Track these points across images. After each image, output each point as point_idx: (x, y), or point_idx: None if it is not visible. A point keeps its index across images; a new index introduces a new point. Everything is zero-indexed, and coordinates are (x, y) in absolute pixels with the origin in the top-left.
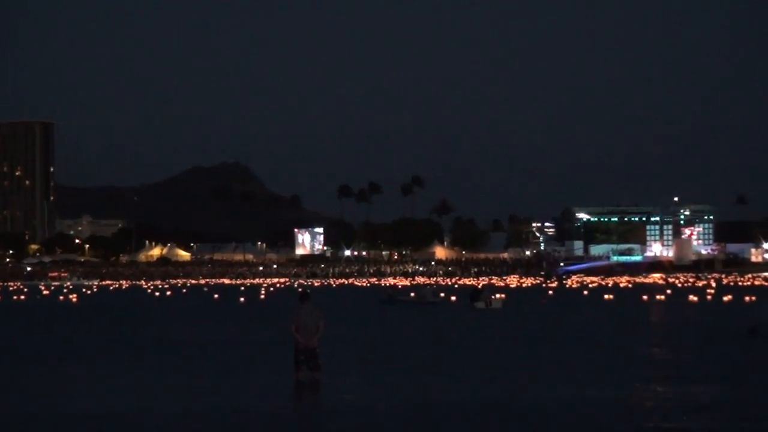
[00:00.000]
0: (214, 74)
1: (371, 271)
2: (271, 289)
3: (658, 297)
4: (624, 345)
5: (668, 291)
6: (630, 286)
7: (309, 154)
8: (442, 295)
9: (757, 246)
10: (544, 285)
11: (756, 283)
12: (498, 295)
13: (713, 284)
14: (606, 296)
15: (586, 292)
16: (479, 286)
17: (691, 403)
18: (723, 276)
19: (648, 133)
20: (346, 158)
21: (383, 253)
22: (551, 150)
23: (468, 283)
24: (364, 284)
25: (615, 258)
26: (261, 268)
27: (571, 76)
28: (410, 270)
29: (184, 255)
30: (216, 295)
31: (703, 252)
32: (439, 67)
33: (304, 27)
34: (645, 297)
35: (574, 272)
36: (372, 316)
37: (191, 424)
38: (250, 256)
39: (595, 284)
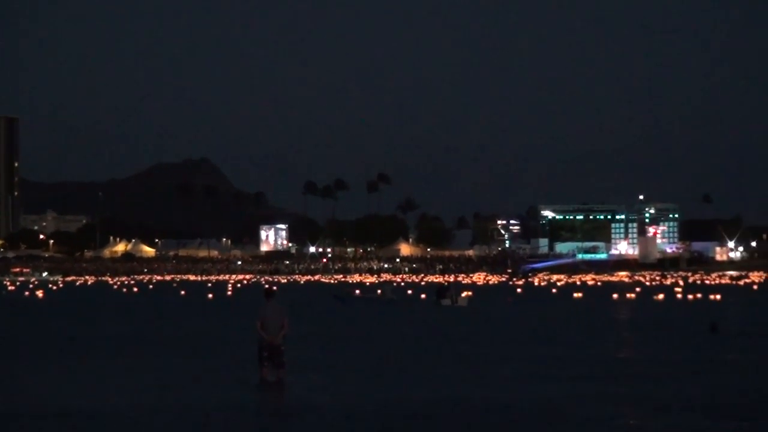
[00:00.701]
0: (179, 71)
1: (336, 267)
2: (239, 285)
3: (628, 295)
4: (581, 343)
5: (637, 289)
6: (599, 284)
7: (274, 151)
8: (410, 292)
9: (722, 245)
10: (511, 283)
11: (722, 281)
12: (465, 293)
13: (681, 282)
14: (575, 294)
15: (554, 290)
16: (446, 284)
17: (646, 400)
18: (689, 274)
19: (614, 132)
20: (311, 155)
21: (348, 250)
22: (517, 148)
23: (436, 280)
24: (331, 281)
25: (580, 256)
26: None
27: (537, 73)
28: (375, 267)
29: (148, 251)
30: (183, 292)
31: (668, 250)
32: (406, 65)
33: (268, 22)
34: (615, 295)
35: (539, 270)
36: (334, 313)
37: (152, 422)
38: (214, 253)
39: (562, 282)
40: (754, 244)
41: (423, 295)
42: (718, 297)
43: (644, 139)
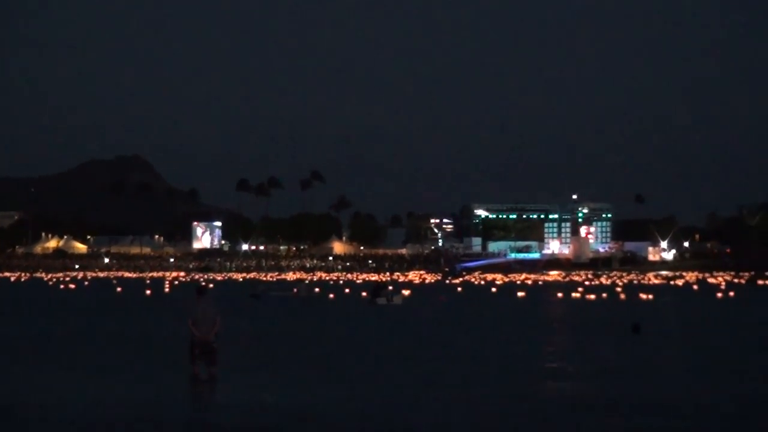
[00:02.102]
0: (112, 67)
1: (269, 265)
2: (176, 282)
3: (573, 294)
4: (506, 340)
5: (580, 289)
6: (540, 283)
7: (207, 147)
8: (347, 291)
9: (654, 245)
10: (447, 282)
11: (656, 281)
12: (404, 292)
13: (619, 282)
14: (519, 293)
15: (494, 289)
16: (382, 282)
17: (571, 399)
18: (624, 274)
19: (547, 132)
20: (245, 152)
21: (281, 247)
22: (450, 147)
23: (373, 278)
24: (269, 278)
25: (513, 255)
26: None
27: (469, 72)
28: (308, 265)
29: (80, 247)
30: (119, 288)
31: (601, 250)
32: (342, 62)
33: (205, 17)
34: (560, 294)
35: (473, 269)
36: (261, 311)
37: (78, 419)
38: (147, 249)
39: (501, 281)
40: (686, 244)
41: (364, 293)
42: (650, 297)
43: (577, 139)
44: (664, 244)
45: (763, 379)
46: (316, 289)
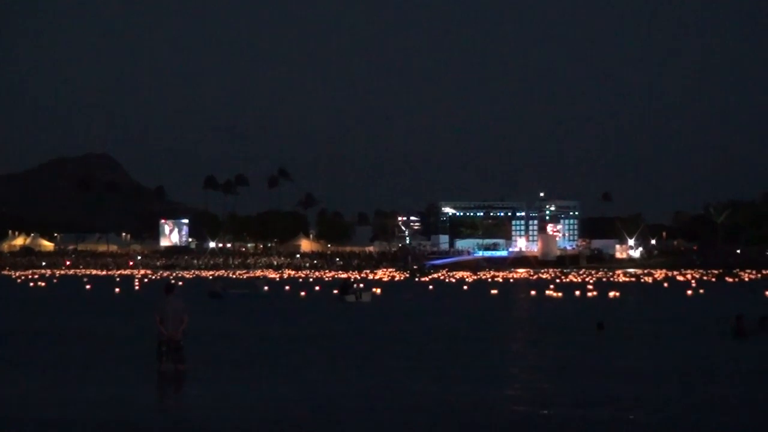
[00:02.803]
0: (80, 64)
1: (236, 263)
2: (146, 280)
3: (548, 293)
4: (466, 340)
5: (551, 286)
6: (511, 281)
7: (175, 145)
8: (317, 288)
9: (622, 242)
10: (416, 280)
11: (626, 279)
12: (376, 290)
13: (590, 280)
14: (492, 291)
15: (465, 288)
16: (350, 279)
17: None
18: (594, 272)
19: (515, 129)
20: (212, 149)
21: (248, 245)
22: (418, 144)
23: (343, 276)
24: (239, 276)
25: (480, 253)
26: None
27: (437, 69)
28: (276, 262)
29: (47, 245)
30: (88, 286)
31: (568, 248)
32: (308, 61)
33: (173, 14)
34: (533, 292)
35: (440, 267)
36: (232, 309)
37: (42, 418)
38: (114, 247)
39: (471, 279)
40: (653, 242)
41: (335, 291)
42: (619, 294)
43: (544, 137)
44: (631, 242)
45: (707, 380)
46: (265, 288)
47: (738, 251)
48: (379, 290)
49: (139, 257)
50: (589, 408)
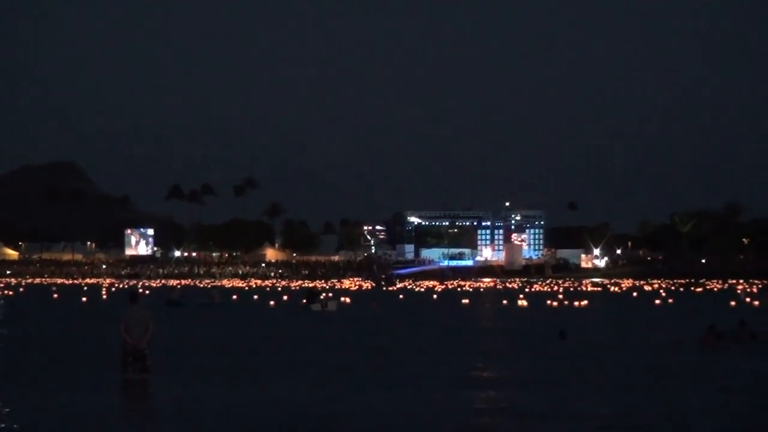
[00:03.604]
0: (44, 71)
1: (201, 272)
2: (113, 289)
3: (519, 303)
4: (428, 346)
5: (521, 296)
6: (481, 289)
7: (140, 154)
8: (285, 297)
9: (587, 252)
10: (384, 289)
11: (594, 288)
12: (346, 299)
13: (559, 289)
14: (464, 300)
15: (435, 296)
16: (317, 288)
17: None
18: (561, 281)
19: (481, 139)
20: (177, 158)
21: (214, 254)
22: (384, 154)
23: (310, 285)
24: (204, 285)
25: (446, 262)
26: (91, 269)
27: (401, 78)
28: (241, 272)
29: (11, 254)
30: (56, 295)
31: (534, 257)
32: (275, 68)
33: (137, 24)
34: (505, 301)
35: (405, 276)
36: (191, 318)
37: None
38: (79, 256)
39: (440, 288)
40: (619, 251)
41: (304, 300)
42: (588, 303)
43: (510, 146)
44: (596, 252)
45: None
46: (234, 297)
47: (703, 261)
48: (348, 299)
49: (104, 266)
50: (526, 419)
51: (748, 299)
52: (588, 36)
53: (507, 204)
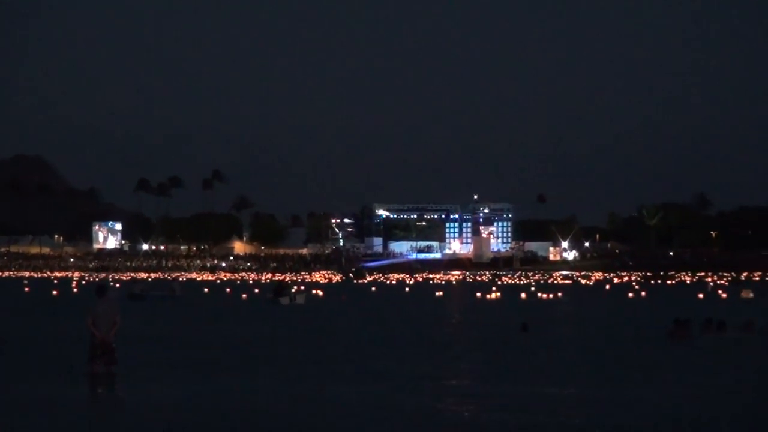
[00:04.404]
0: (10, 64)
1: (169, 265)
2: (83, 282)
3: (491, 296)
4: (389, 341)
5: (493, 289)
6: (453, 282)
7: (107, 146)
8: (257, 291)
9: (555, 244)
10: (355, 282)
11: (565, 281)
12: (318, 292)
13: (529, 281)
14: (437, 293)
15: (407, 289)
16: (284, 281)
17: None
18: (531, 273)
19: (448, 131)
20: (145, 151)
21: (182, 247)
22: (351, 146)
23: (280, 278)
24: (164, 277)
25: (414, 255)
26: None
27: (368, 70)
28: (209, 265)
29: None
30: (27, 288)
31: (502, 250)
32: (241, 62)
33: (101, 18)
34: (479, 294)
35: (374, 269)
36: (154, 311)
37: None
38: (46, 249)
39: (412, 281)
40: (587, 244)
41: (271, 295)
42: (560, 295)
43: (478, 138)
44: (565, 244)
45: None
46: (206, 290)
47: (671, 253)
48: (321, 293)
49: (71, 259)
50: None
51: (721, 292)
52: (553, 29)
53: (475, 197)
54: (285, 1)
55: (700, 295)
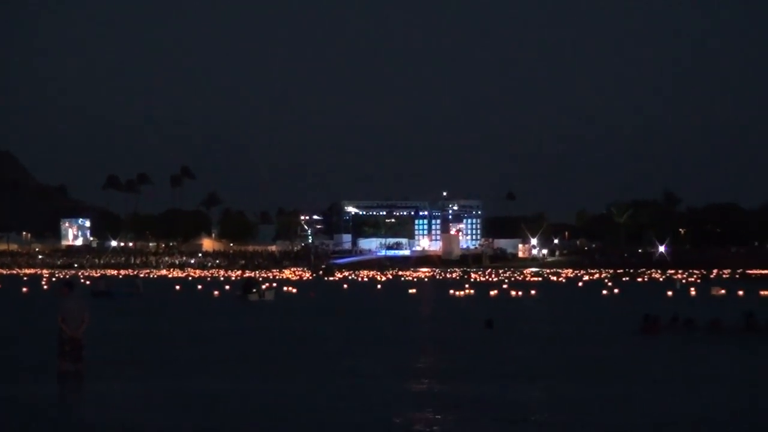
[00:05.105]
0: None
1: (138, 262)
2: (53, 279)
3: (462, 293)
4: (354, 339)
5: (466, 286)
6: (426, 279)
7: (76, 143)
8: (227, 287)
9: (525, 241)
10: (326, 279)
11: (536, 278)
12: (292, 289)
13: (498, 278)
14: (410, 290)
15: (379, 287)
16: (253, 278)
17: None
18: (502, 271)
19: (417, 127)
20: (114, 147)
21: (151, 244)
22: (320, 143)
23: (252, 275)
24: (126, 274)
25: (383, 252)
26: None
27: (339, 71)
28: (178, 262)
29: None
30: None
31: (471, 247)
32: (208, 58)
33: (71, 14)
34: (452, 291)
35: (343, 266)
36: (121, 308)
37: None
38: (14, 246)
39: (383, 278)
40: (556, 241)
41: (239, 292)
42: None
43: (447, 135)
44: (534, 241)
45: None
46: (176, 287)
47: (640, 251)
48: (295, 290)
49: (40, 257)
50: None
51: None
52: (521, 27)
53: (444, 194)
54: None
55: (669, 293)
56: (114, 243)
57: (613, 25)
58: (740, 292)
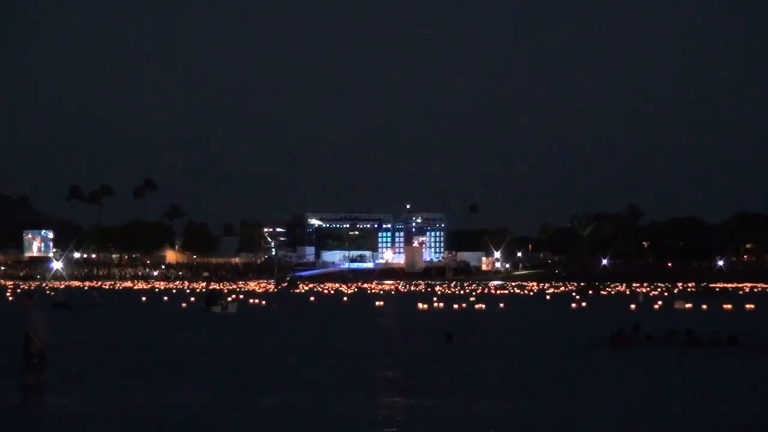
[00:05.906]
0: None
1: (101, 273)
2: (18, 290)
3: (428, 306)
4: (315, 350)
5: (434, 299)
6: (393, 292)
7: (39, 153)
8: (193, 299)
9: (488, 254)
10: (291, 291)
11: (503, 291)
12: (263, 301)
13: (473, 291)
14: (378, 303)
15: (345, 299)
16: (219, 290)
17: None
18: (467, 283)
19: (381, 140)
20: (77, 158)
21: (114, 256)
22: (284, 155)
23: (213, 287)
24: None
25: (346, 264)
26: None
27: (304, 80)
28: (141, 273)
29: None
30: None
31: (435, 260)
32: (171, 67)
33: (37, 22)
34: (420, 305)
35: (306, 278)
36: (81, 320)
37: None
38: None
39: (349, 290)
40: (519, 254)
41: (203, 304)
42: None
43: (410, 148)
44: (497, 254)
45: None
46: (143, 298)
47: (604, 263)
48: (264, 302)
49: (2, 268)
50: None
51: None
52: (486, 38)
53: (408, 206)
54: (214, 6)
55: (632, 306)
56: (77, 254)
57: (578, 36)
58: (704, 306)
